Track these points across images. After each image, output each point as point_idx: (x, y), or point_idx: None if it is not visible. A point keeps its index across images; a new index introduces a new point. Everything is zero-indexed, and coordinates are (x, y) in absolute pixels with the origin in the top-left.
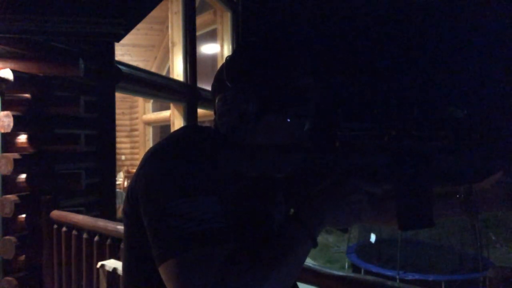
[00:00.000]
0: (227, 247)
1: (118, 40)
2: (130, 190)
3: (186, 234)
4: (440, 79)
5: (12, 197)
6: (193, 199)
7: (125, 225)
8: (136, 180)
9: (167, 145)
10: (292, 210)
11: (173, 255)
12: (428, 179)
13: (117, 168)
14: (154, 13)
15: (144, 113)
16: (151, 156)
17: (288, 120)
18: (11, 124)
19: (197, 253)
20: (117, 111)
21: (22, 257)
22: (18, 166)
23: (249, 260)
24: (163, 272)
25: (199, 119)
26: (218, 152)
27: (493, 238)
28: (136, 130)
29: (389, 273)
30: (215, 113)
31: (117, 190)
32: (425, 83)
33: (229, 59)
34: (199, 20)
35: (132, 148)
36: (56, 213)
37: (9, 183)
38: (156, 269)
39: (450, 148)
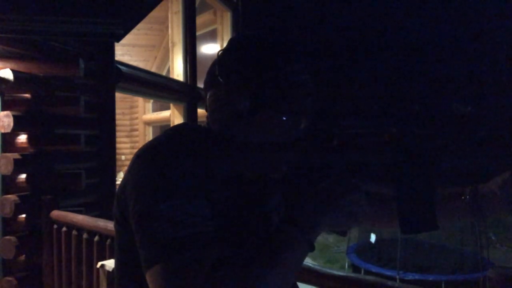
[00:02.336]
0: (215, 252)
1: (118, 40)
2: (119, 191)
3: (173, 239)
4: (443, 74)
5: (12, 197)
6: (181, 203)
7: (116, 228)
8: (124, 182)
9: (156, 145)
10: (289, 211)
11: (158, 261)
12: (431, 179)
13: (117, 168)
14: (154, 13)
15: (144, 113)
16: (139, 157)
17: (284, 117)
18: (11, 124)
19: (184, 258)
20: (117, 111)
21: (22, 257)
22: (18, 166)
23: (240, 265)
24: (149, 278)
25: (199, 119)
26: (210, 151)
27: (493, 238)
28: (136, 130)
29: (389, 273)
30: (206, 110)
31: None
32: (428, 78)
33: (222, 54)
34: (199, 20)
35: (132, 148)
36: (56, 213)
37: (9, 183)
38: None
39: (454, 146)
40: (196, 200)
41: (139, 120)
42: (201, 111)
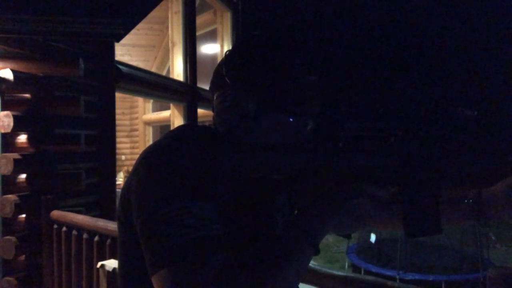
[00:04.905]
0: (222, 255)
1: (118, 40)
2: (124, 193)
3: (179, 242)
4: (450, 77)
5: (12, 197)
6: (187, 205)
7: (119, 230)
8: (129, 183)
9: (161, 147)
10: (295, 212)
11: (165, 265)
12: (436, 183)
13: (117, 168)
14: (154, 13)
15: (144, 113)
16: (144, 159)
17: (290, 119)
18: (11, 124)
19: (191, 262)
20: (117, 111)
21: (22, 257)
22: (18, 166)
23: (247, 268)
24: (155, 281)
25: (199, 119)
26: (216, 153)
27: (493, 238)
28: (136, 130)
29: (389, 273)
30: (213, 111)
31: (117, 190)
32: (434, 81)
33: (229, 54)
34: (199, 20)
35: (132, 148)
36: (56, 213)
37: (9, 183)
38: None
39: (459, 150)
40: (202, 203)
41: (139, 120)
42: (201, 111)
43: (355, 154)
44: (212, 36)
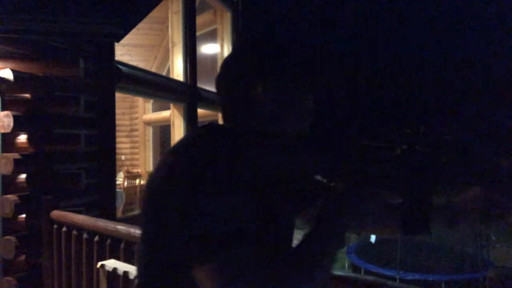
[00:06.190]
0: (259, 248)
1: (118, 40)
2: (150, 189)
3: (217, 236)
4: (448, 100)
5: (12, 197)
6: (222, 200)
7: (144, 226)
8: (153, 179)
9: (193, 142)
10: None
11: (205, 259)
12: (429, 190)
13: (117, 168)
14: (154, 13)
15: (144, 113)
16: (173, 154)
17: (292, 99)
18: (11, 124)
19: (230, 254)
20: (117, 111)
21: (22, 257)
22: (18, 166)
23: (284, 261)
24: (198, 275)
25: (199, 119)
26: (241, 151)
27: (493, 238)
28: (136, 130)
29: (389, 273)
30: (223, 110)
31: (117, 190)
32: (430, 104)
33: (233, 58)
34: (199, 20)
35: (132, 148)
36: (56, 213)
37: (9, 183)
38: (182, 273)
39: (449, 164)
40: (237, 197)
41: (139, 120)
42: (201, 111)
43: (370, 162)
44: (212, 36)
